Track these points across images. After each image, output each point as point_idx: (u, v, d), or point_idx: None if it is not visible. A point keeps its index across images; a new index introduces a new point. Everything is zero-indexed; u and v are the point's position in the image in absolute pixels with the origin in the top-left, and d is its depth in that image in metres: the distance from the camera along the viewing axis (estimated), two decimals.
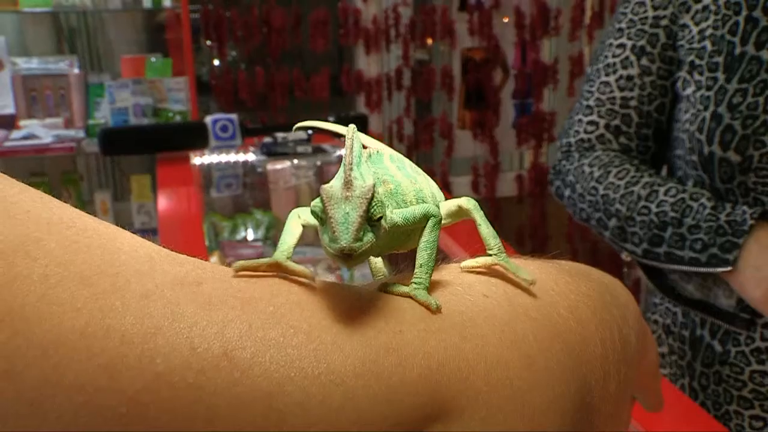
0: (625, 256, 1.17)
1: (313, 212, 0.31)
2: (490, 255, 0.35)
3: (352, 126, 0.34)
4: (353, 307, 0.31)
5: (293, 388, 0.27)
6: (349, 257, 0.29)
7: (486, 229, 0.36)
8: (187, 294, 0.28)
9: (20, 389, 0.25)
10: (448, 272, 0.36)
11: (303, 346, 0.28)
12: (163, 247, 0.31)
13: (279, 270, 0.31)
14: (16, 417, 0.25)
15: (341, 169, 0.31)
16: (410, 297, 0.32)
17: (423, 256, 0.34)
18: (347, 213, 0.29)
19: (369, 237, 0.30)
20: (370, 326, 0.30)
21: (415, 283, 0.33)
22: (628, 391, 0.40)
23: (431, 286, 0.33)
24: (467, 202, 0.38)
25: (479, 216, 0.37)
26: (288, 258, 0.32)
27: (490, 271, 0.36)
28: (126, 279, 0.28)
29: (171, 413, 0.26)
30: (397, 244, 0.36)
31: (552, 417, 0.32)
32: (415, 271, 0.33)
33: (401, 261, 0.38)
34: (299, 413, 0.27)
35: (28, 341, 0.25)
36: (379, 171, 0.35)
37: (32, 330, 0.25)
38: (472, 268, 0.35)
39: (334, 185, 0.31)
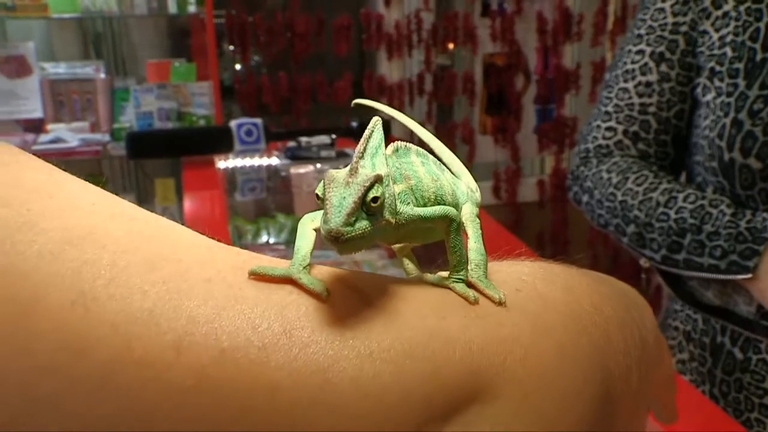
0: (643, 262, 1.17)
1: (317, 195, 0.32)
2: (469, 269, 0.36)
3: (376, 118, 0.35)
4: (399, 294, 0.33)
5: (347, 365, 0.29)
6: (336, 240, 0.30)
7: (474, 244, 0.37)
8: (246, 279, 0.30)
9: (92, 364, 0.26)
10: None
11: (355, 326, 0.30)
12: (218, 240, 0.33)
13: (291, 284, 0.31)
14: (86, 391, 0.27)
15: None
16: (449, 289, 0.34)
17: (454, 257, 0.35)
18: (344, 198, 0.30)
19: (363, 225, 0.30)
20: (416, 312, 0.32)
21: (453, 278, 0.35)
22: (647, 391, 0.42)
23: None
24: (468, 216, 0.39)
25: (473, 230, 0.38)
26: (304, 267, 0.32)
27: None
28: (189, 265, 0.30)
29: (235, 386, 0.27)
30: (413, 238, 0.38)
31: (581, 402, 0.33)
32: (450, 270, 0.35)
33: (432, 262, 0.39)
34: (353, 387, 0.29)
35: (99, 319, 0.27)
36: (403, 165, 0.36)
37: (103, 309, 0.27)
38: (439, 284, 0.36)
39: (341, 171, 0.32)
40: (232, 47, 3.15)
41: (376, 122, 0.35)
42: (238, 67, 3.23)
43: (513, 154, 3.44)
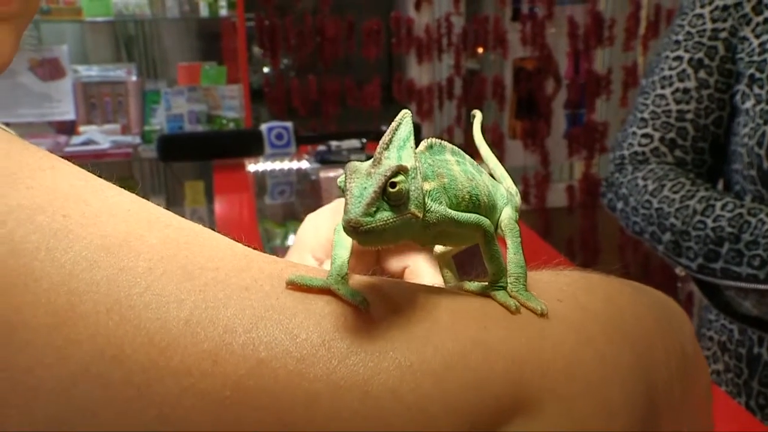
0: (679, 271, 1.16)
1: (339, 186, 0.31)
2: (508, 282, 0.35)
3: (404, 111, 0.34)
4: (439, 304, 0.32)
5: (388, 377, 0.28)
6: (356, 231, 0.29)
7: (514, 256, 0.36)
8: (284, 288, 0.30)
9: (128, 373, 0.26)
10: None
11: (395, 338, 0.30)
12: (253, 248, 0.33)
13: (330, 294, 0.31)
14: (123, 400, 0.27)
15: None
16: (490, 297, 0.34)
17: (493, 266, 0.35)
18: (365, 188, 0.29)
19: (384, 216, 0.29)
20: (457, 322, 0.31)
21: (493, 287, 0.34)
22: (687, 403, 0.41)
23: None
24: (507, 223, 0.38)
25: (512, 241, 0.37)
26: (343, 277, 0.31)
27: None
28: (226, 273, 0.29)
29: (273, 396, 0.27)
30: (446, 240, 0.37)
31: (626, 412, 0.33)
32: (489, 278, 0.35)
33: (473, 270, 0.39)
34: (393, 399, 0.28)
35: (135, 328, 0.27)
36: (437, 163, 0.35)
37: (139, 317, 0.27)
38: (479, 292, 0.35)
39: (364, 162, 0.31)
40: (261, 50, 3.17)
41: (404, 115, 0.34)
42: (266, 70, 3.24)
43: (542, 159, 3.41)
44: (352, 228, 0.29)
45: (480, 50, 3.34)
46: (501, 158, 3.38)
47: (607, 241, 3.48)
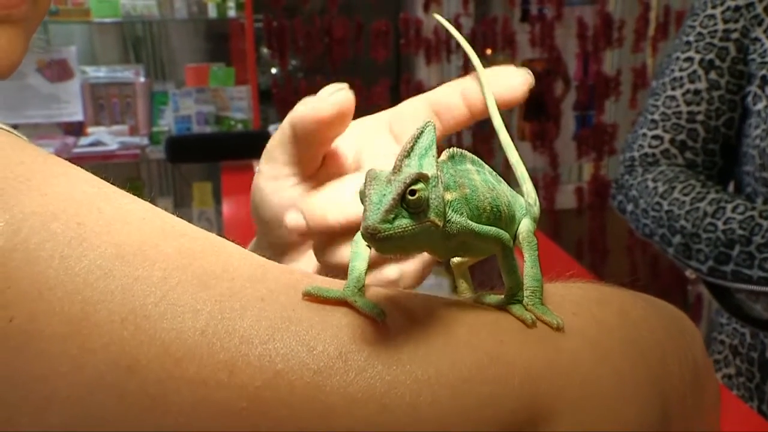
0: (689, 274, 1.15)
1: (359, 195, 0.31)
2: (524, 296, 0.35)
3: (428, 120, 0.33)
4: (456, 317, 0.32)
5: (405, 390, 0.28)
6: (373, 237, 0.28)
7: (531, 270, 0.36)
8: (300, 299, 0.30)
9: (143, 383, 0.26)
10: None
11: (413, 351, 0.29)
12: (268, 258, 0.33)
13: (346, 306, 0.31)
14: (138, 410, 0.26)
15: None
16: (506, 311, 0.34)
17: (510, 279, 0.34)
18: (384, 195, 0.29)
19: (403, 223, 0.29)
20: (474, 335, 0.31)
21: (509, 300, 0.34)
22: (699, 415, 0.41)
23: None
24: (525, 236, 0.38)
25: (529, 254, 0.37)
26: (360, 289, 0.31)
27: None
28: (241, 283, 0.29)
29: (289, 408, 0.27)
30: (465, 252, 0.37)
31: (640, 425, 0.33)
32: (506, 291, 0.34)
33: (489, 282, 0.39)
34: (410, 413, 0.28)
35: (150, 338, 0.27)
36: (458, 173, 0.34)
37: (154, 327, 0.27)
38: (496, 305, 0.35)
39: (385, 170, 0.31)
40: (269, 51, 3.17)
41: (427, 124, 0.33)
42: (274, 71, 3.24)
43: (551, 160, 3.41)
44: (369, 234, 0.28)
45: (489, 51, 3.33)
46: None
47: (616, 243, 3.47)
